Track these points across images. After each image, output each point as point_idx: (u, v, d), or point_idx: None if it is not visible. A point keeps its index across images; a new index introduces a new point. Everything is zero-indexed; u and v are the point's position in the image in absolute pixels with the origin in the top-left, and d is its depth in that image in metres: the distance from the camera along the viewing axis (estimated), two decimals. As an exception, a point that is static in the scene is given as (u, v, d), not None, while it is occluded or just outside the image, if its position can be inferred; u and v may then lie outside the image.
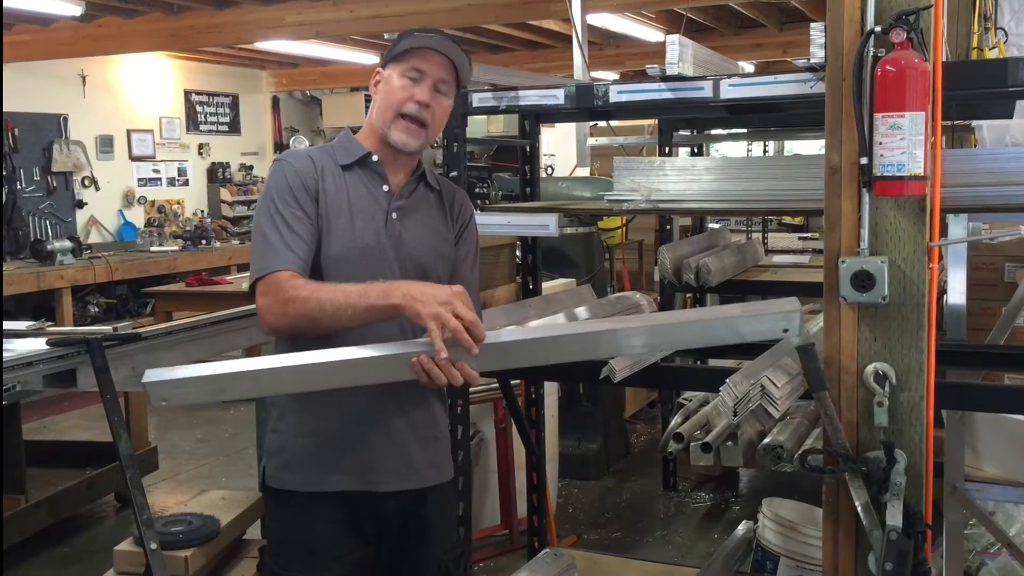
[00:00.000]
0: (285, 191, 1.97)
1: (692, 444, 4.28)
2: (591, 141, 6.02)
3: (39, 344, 2.88)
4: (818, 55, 2.10)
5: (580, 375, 2.98)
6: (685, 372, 3.07)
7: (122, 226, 9.95)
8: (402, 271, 2.00)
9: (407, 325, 1.85)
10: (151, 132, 10.46)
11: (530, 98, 2.81)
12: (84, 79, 9.53)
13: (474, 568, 4.03)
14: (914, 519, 1.86)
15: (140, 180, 10.32)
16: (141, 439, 4.87)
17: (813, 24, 2.12)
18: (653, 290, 5.59)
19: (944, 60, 1.92)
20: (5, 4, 6.62)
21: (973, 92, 2.49)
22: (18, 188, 8.75)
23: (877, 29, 1.84)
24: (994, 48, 3.68)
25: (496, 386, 3.81)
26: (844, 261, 1.92)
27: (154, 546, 2.57)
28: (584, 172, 7.27)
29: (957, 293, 3.19)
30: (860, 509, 1.89)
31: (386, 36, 7.40)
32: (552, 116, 4.20)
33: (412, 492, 2.06)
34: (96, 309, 8.40)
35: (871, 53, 1.85)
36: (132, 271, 8.18)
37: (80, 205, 9.50)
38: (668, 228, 5.02)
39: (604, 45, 9.63)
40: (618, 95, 2.67)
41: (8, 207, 8.43)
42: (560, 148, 11.32)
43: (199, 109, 11.19)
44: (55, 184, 9.20)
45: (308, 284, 1.88)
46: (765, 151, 8.64)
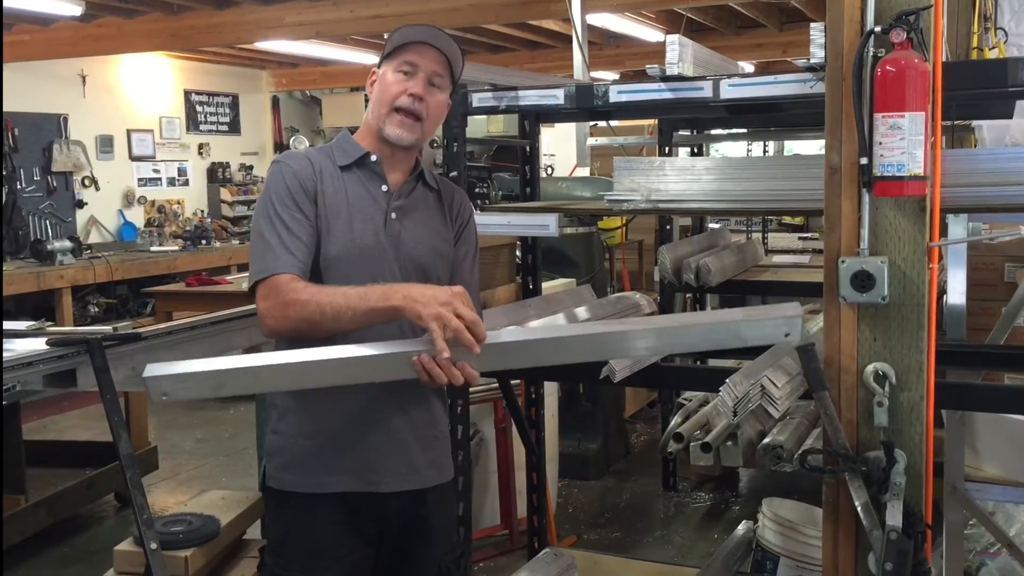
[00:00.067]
0: (283, 193, 1.96)
1: (692, 444, 4.29)
2: (591, 141, 6.02)
3: (39, 344, 2.88)
4: (818, 55, 2.10)
5: (580, 375, 2.98)
6: (685, 372, 3.07)
7: (122, 226, 9.95)
8: (402, 271, 2.00)
9: (408, 328, 1.84)
10: (151, 132, 10.47)
11: (530, 98, 2.81)
12: (84, 79, 9.53)
13: (474, 568, 4.03)
14: (914, 519, 1.86)
15: (140, 180, 10.33)
16: (141, 439, 4.87)
17: (813, 24, 2.12)
18: (653, 290, 5.59)
19: (944, 60, 1.92)
20: (5, 4, 6.62)
21: (973, 92, 2.49)
22: (18, 188, 8.75)
23: (877, 29, 1.84)
24: (994, 48, 3.68)
25: (496, 386, 3.81)
26: (844, 261, 1.92)
27: (154, 546, 2.57)
28: (584, 172, 7.26)
29: (957, 293, 3.19)
30: (860, 509, 1.89)
31: (386, 36, 7.40)
32: (552, 116, 4.19)
33: (413, 492, 2.05)
34: (96, 309, 8.40)
35: (871, 53, 1.85)
36: (132, 271, 8.18)
37: (80, 205, 9.50)
38: (668, 228, 5.02)
39: (604, 45, 9.63)
40: (618, 95, 2.67)
41: (8, 207, 8.43)
42: (560, 148, 11.31)
43: (199, 109, 11.19)
44: (55, 184, 9.20)
45: (308, 287, 1.87)
46: (765, 151, 8.63)
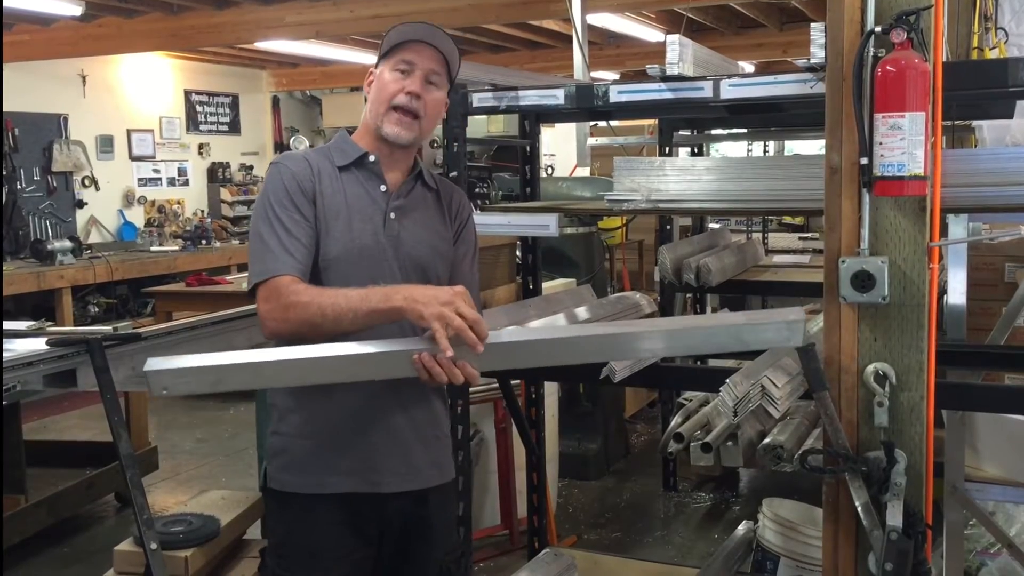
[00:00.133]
0: (282, 194, 1.96)
1: (692, 444, 4.28)
2: (591, 141, 6.02)
3: (39, 344, 2.88)
4: (818, 55, 2.10)
5: (580, 375, 2.98)
6: (685, 372, 3.07)
7: (122, 226, 9.95)
8: (401, 271, 2.00)
9: (408, 329, 1.84)
10: (151, 132, 10.47)
11: (530, 98, 2.81)
12: (84, 79, 9.53)
13: (474, 568, 4.03)
14: (914, 519, 1.86)
15: (140, 180, 10.33)
16: (141, 439, 4.87)
17: (813, 24, 2.12)
18: (653, 290, 5.59)
19: (944, 60, 1.92)
20: (5, 4, 6.62)
21: (973, 92, 2.49)
22: (18, 188, 8.75)
23: (877, 29, 1.84)
24: (994, 48, 3.68)
25: (496, 386, 3.81)
26: (844, 261, 1.92)
27: (154, 546, 2.57)
28: (584, 172, 7.26)
29: (957, 293, 3.19)
30: (860, 509, 1.89)
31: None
32: (552, 116, 4.19)
33: (414, 493, 2.05)
34: (96, 309, 8.40)
35: (871, 53, 1.85)
36: (132, 271, 8.19)
37: (80, 205, 9.50)
38: (668, 228, 5.02)
39: (604, 45, 9.63)
40: (618, 95, 2.67)
41: (8, 207, 8.44)
42: (560, 148, 11.31)
43: (199, 109, 11.19)
44: (55, 184, 9.20)
45: (309, 289, 1.87)
46: (765, 151, 8.63)
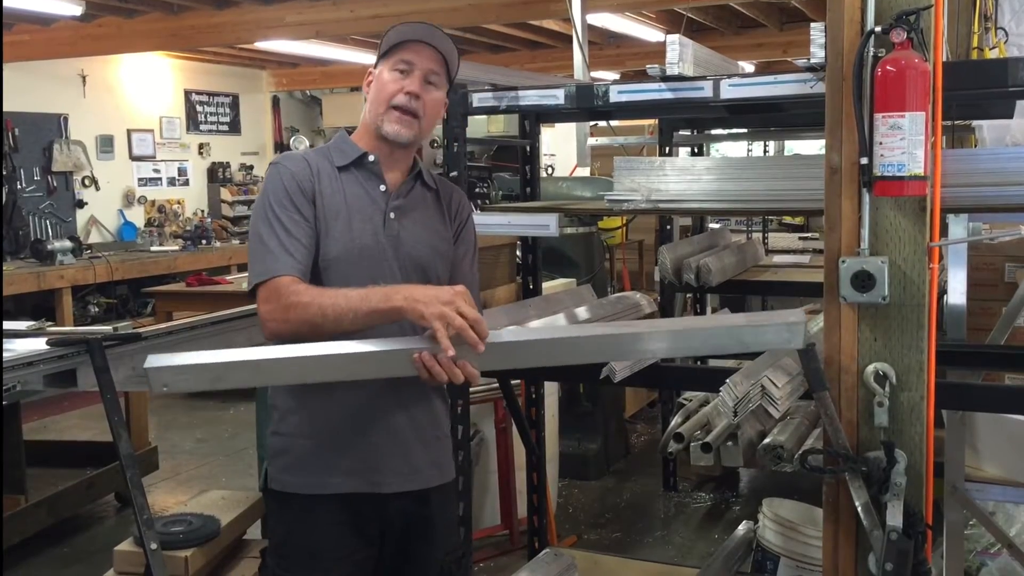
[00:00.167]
0: (282, 195, 1.96)
1: (692, 444, 4.28)
2: (591, 141, 6.02)
3: (39, 344, 2.88)
4: (818, 55, 2.10)
5: (580, 375, 2.98)
6: (685, 372, 3.07)
7: (122, 226, 9.95)
8: (401, 271, 2.00)
9: (409, 329, 1.83)
10: (151, 132, 10.47)
11: (530, 98, 2.81)
12: (84, 79, 9.53)
13: (474, 568, 4.03)
14: (914, 519, 1.86)
15: (140, 180, 10.33)
16: (141, 439, 4.87)
17: (813, 24, 2.12)
18: (653, 290, 5.59)
19: (944, 60, 1.92)
20: (5, 4, 6.62)
21: (973, 92, 2.50)
22: (18, 188, 8.75)
23: (877, 29, 1.84)
24: (994, 48, 3.68)
25: (496, 386, 3.81)
26: (844, 261, 1.92)
27: (154, 546, 2.57)
28: (584, 172, 7.26)
29: (957, 293, 3.19)
30: (860, 509, 1.89)
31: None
32: (552, 116, 4.19)
33: (415, 493, 2.05)
34: (96, 309, 8.40)
35: (871, 53, 1.84)
36: (132, 271, 8.19)
37: (80, 205, 9.50)
38: (668, 228, 5.02)
39: (604, 45, 9.63)
40: (618, 95, 2.67)
41: (8, 207, 8.44)
42: (560, 148, 11.31)
43: (199, 109, 11.19)
44: (55, 184, 9.20)
45: (309, 289, 1.87)
46: (765, 151, 8.63)
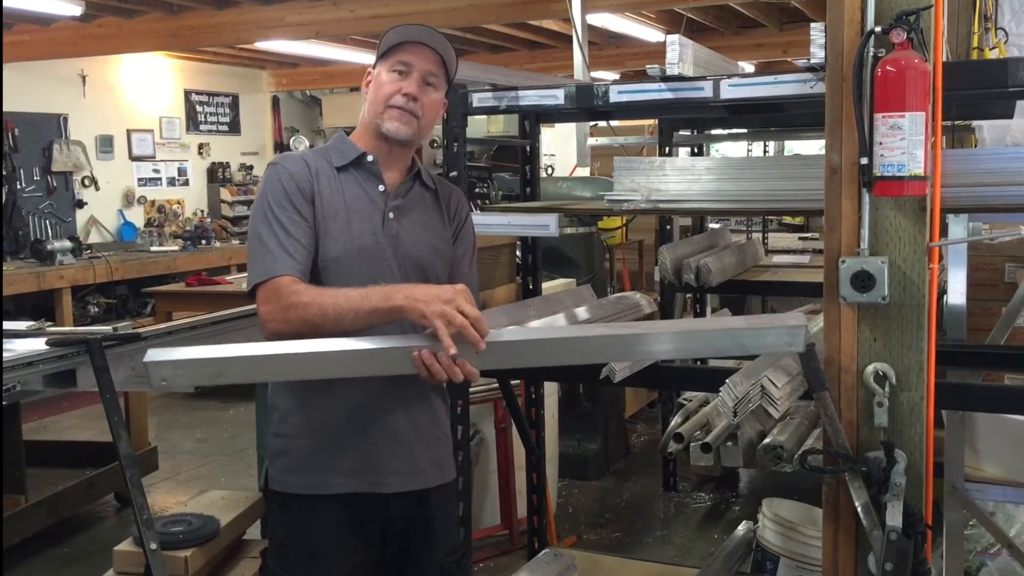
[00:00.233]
0: (280, 195, 1.96)
1: (692, 444, 4.28)
2: (591, 141, 6.02)
3: (39, 344, 2.88)
4: (818, 55, 2.10)
5: (580, 375, 2.98)
6: (685, 372, 3.06)
7: (122, 226, 9.95)
8: (401, 271, 2.00)
9: (409, 328, 1.84)
10: (151, 132, 10.47)
11: (530, 98, 2.81)
12: (84, 79, 9.53)
13: (474, 568, 4.03)
14: (914, 519, 1.86)
15: (140, 180, 10.33)
16: (141, 439, 4.87)
17: (813, 24, 2.12)
18: (653, 290, 5.59)
19: (944, 60, 1.92)
20: (5, 4, 6.62)
21: (973, 92, 2.49)
22: (18, 188, 8.75)
23: (877, 29, 1.84)
24: (994, 48, 3.68)
25: (496, 386, 3.81)
26: (844, 261, 1.92)
27: (154, 546, 2.57)
28: (584, 172, 7.26)
29: (957, 293, 3.19)
30: (860, 509, 1.89)
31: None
32: (552, 116, 4.19)
33: (416, 493, 2.05)
34: (96, 309, 8.40)
35: (871, 53, 1.84)
36: (132, 271, 8.18)
37: (80, 205, 9.50)
38: (668, 228, 5.02)
39: (604, 45, 9.63)
40: (618, 95, 2.67)
41: (8, 207, 8.43)
42: (560, 148, 11.31)
43: (199, 109, 11.19)
44: (55, 184, 9.20)
45: (309, 289, 1.87)
46: (765, 151, 8.63)
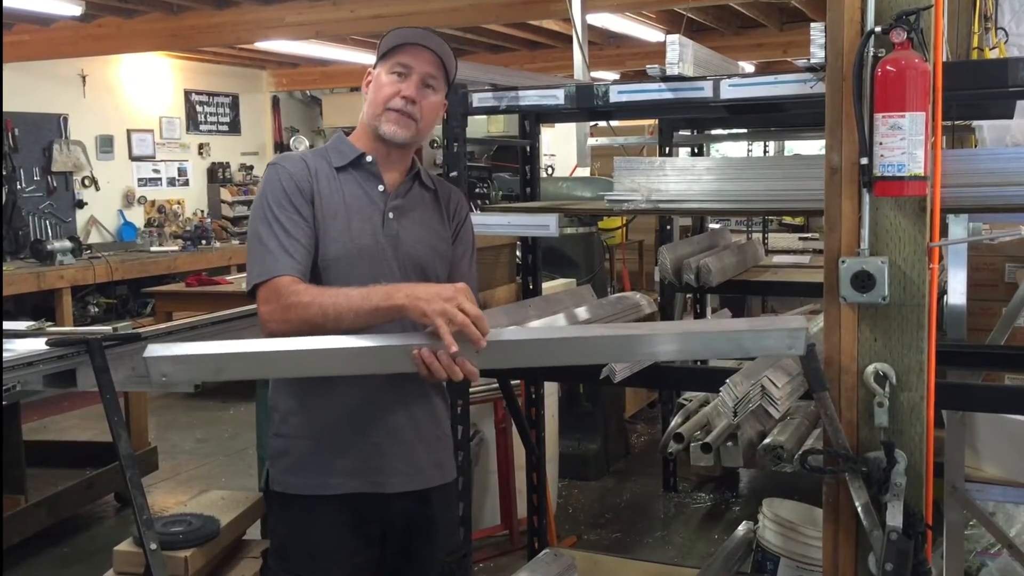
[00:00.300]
0: (280, 195, 1.96)
1: (692, 444, 4.28)
2: (591, 141, 6.02)
3: (39, 344, 2.88)
4: (818, 55, 2.10)
5: (580, 375, 2.98)
6: (685, 372, 3.05)
7: (122, 226, 9.95)
8: (401, 271, 2.00)
9: (409, 328, 1.84)
10: (151, 132, 10.46)
11: (530, 98, 2.81)
12: (84, 79, 9.53)
13: (474, 568, 4.03)
14: (914, 519, 1.86)
15: (140, 180, 10.32)
16: (141, 439, 4.87)
17: (813, 24, 2.12)
18: (653, 290, 5.59)
19: (944, 60, 1.92)
20: (5, 4, 6.62)
21: (973, 92, 2.49)
22: (18, 188, 8.74)
23: (877, 29, 1.84)
24: (994, 48, 3.68)
25: (496, 386, 3.81)
26: (844, 261, 1.92)
27: (154, 546, 2.57)
28: (584, 172, 7.26)
29: (957, 293, 3.19)
30: (860, 509, 1.89)
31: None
32: (552, 116, 4.19)
33: (416, 493, 2.05)
34: (96, 309, 8.39)
35: (871, 53, 1.84)
36: (132, 271, 8.18)
37: (80, 205, 9.49)
38: (668, 228, 5.01)
39: (604, 45, 9.63)
40: (618, 95, 2.67)
41: (8, 207, 8.43)
42: (560, 148, 11.31)
43: (199, 109, 11.19)
44: (55, 184, 9.19)
45: (309, 289, 1.87)
46: (765, 151, 8.63)
